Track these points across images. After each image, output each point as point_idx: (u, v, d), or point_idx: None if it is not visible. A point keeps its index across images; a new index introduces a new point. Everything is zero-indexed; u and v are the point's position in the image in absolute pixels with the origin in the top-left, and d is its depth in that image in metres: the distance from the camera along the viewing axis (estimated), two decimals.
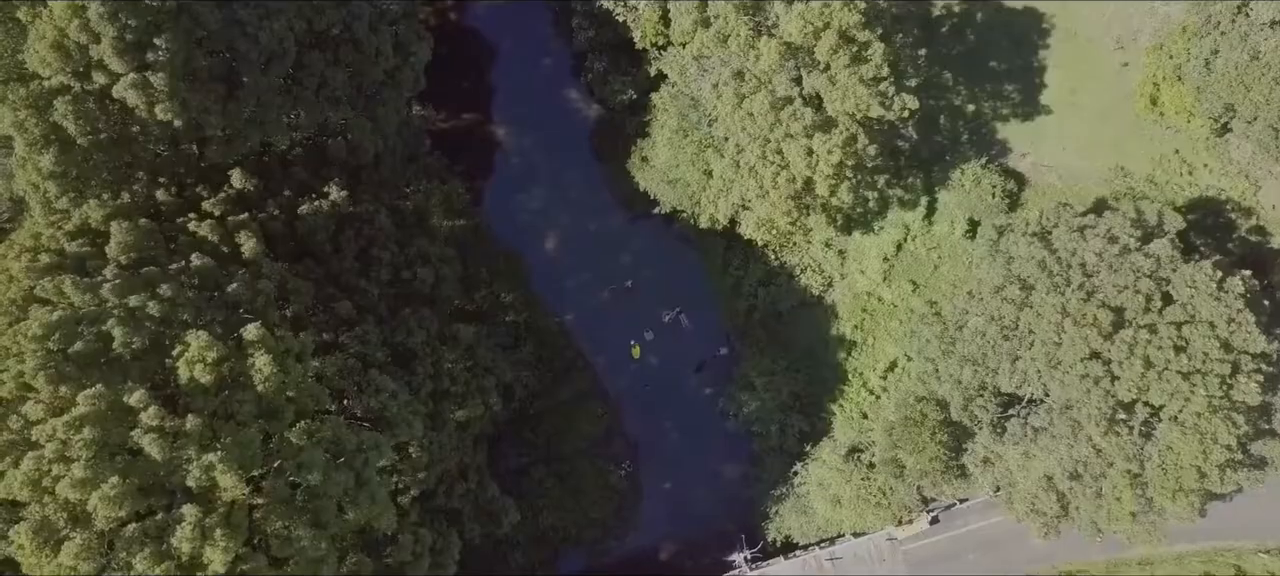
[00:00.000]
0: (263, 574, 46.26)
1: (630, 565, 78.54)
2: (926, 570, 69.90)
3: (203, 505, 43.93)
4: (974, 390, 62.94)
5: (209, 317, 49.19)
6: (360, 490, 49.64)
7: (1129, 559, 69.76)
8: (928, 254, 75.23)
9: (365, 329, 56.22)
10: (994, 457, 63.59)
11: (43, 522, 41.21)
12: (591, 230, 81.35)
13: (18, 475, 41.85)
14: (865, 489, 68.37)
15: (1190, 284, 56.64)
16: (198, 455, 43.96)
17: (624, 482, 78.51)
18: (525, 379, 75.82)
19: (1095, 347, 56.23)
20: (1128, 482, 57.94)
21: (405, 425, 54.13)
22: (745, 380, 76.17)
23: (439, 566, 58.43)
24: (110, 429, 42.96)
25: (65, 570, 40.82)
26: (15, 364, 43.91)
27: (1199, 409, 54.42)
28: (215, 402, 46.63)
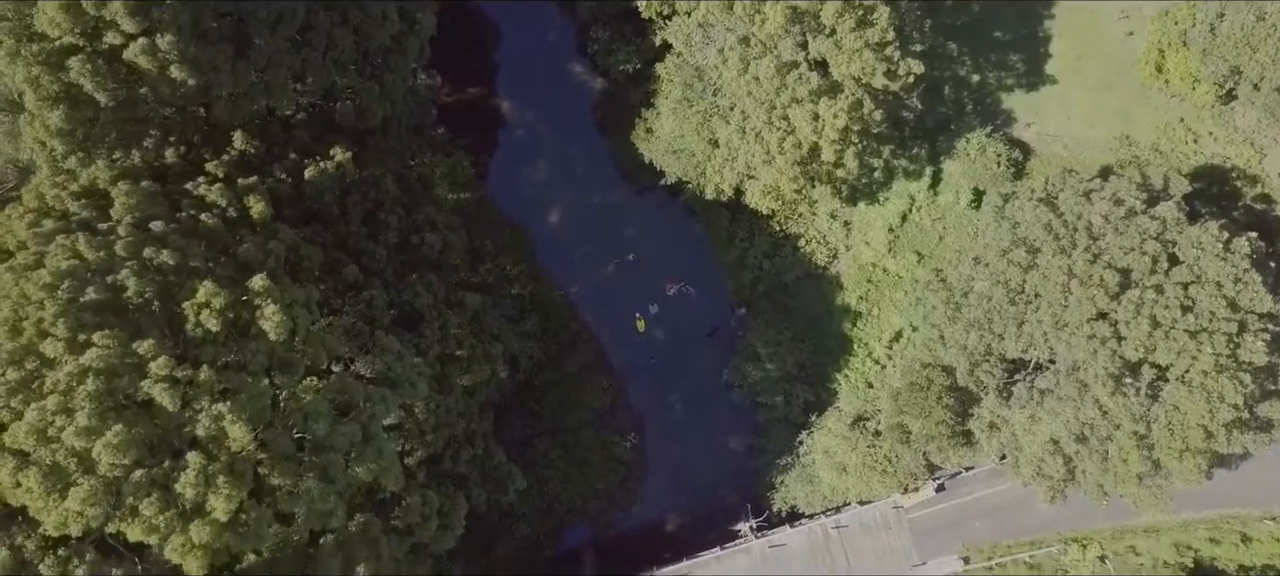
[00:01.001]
0: (267, 523, 46.41)
1: (635, 538, 78.57)
2: (932, 538, 69.83)
3: (207, 454, 44.03)
4: (980, 355, 62.94)
5: (219, 274, 49.32)
6: (367, 444, 49.77)
7: (1135, 526, 69.71)
8: (933, 224, 75.30)
9: (372, 292, 56.28)
10: (1000, 422, 63.57)
11: (52, 468, 41.32)
12: (596, 203, 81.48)
13: (22, 426, 42.01)
14: (871, 456, 68.39)
15: (1196, 245, 56.73)
16: (209, 405, 44.17)
17: (629, 454, 78.59)
18: (530, 350, 75.98)
19: (1102, 308, 56.29)
20: (1134, 444, 57.87)
21: (411, 386, 54.20)
22: (750, 351, 76.30)
23: (445, 529, 58.49)
24: (117, 379, 43.08)
25: (72, 515, 40.93)
26: (35, 310, 43.97)
27: (1206, 368, 54.40)
28: (226, 354, 46.82)
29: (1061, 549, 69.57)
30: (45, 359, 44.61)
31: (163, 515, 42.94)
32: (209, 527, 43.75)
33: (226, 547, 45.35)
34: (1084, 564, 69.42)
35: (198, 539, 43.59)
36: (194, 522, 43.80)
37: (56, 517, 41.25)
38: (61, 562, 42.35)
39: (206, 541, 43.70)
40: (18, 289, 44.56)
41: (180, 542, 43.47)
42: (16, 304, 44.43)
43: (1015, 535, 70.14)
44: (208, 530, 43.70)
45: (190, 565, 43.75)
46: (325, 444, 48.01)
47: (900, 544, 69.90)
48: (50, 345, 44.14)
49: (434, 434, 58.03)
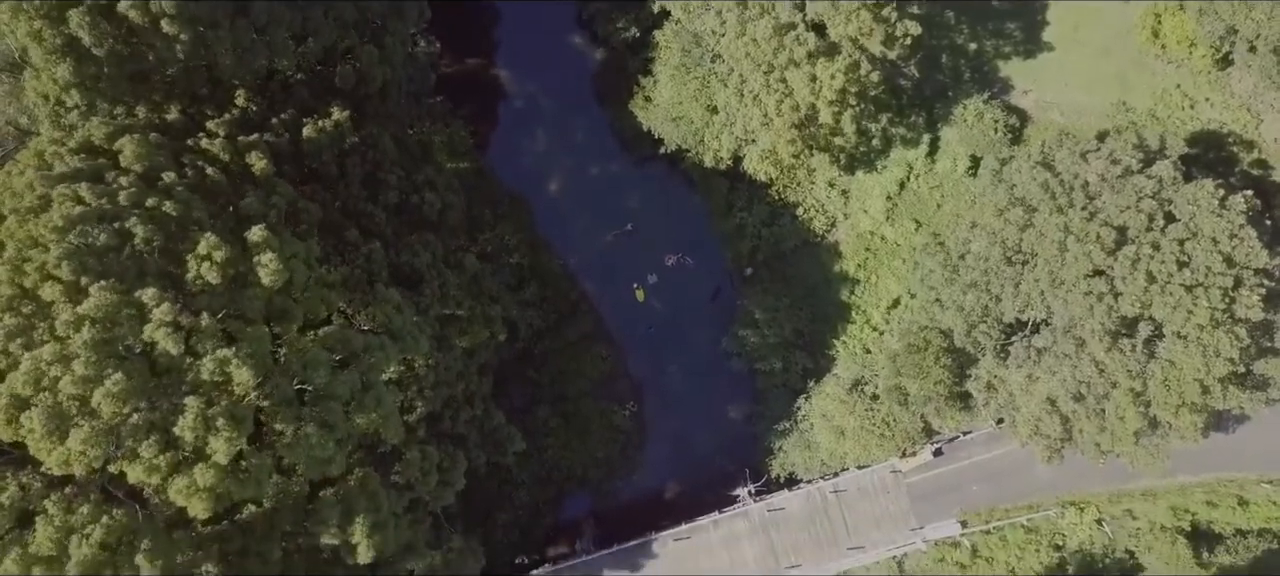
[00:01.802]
0: (268, 471, 46.66)
1: (635, 508, 78.81)
2: (930, 502, 70.10)
3: (207, 399, 44.21)
4: (977, 316, 63.26)
5: (222, 227, 49.59)
6: (367, 394, 49.92)
7: (1132, 490, 70.00)
8: (930, 192, 75.55)
9: (371, 249, 56.54)
10: (997, 382, 63.86)
11: (53, 409, 41.51)
12: (595, 174, 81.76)
13: (19, 374, 42.14)
14: (869, 420, 68.65)
15: (1192, 202, 57.02)
16: (213, 349, 44.38)
17: (628, 423, 78.87)
18: (530, 318, 76.30)
19: (1098, 264, 56.60)
20: (1131, 401, 58.09)
21: (412, 339, 54.44)
22: (748, 317, 76.60)
23: (445, 485, 58.78)
24: (116, 328, 43.24)
25: (74, 454, 41.11)
26: (39, 254, 44.18)
27: (1202, 322, 54.63)
28: (226, 303, 47.06)
29: (1059, 512, 69.90)
30: (42, 305, 44.86)
31: (162, 456, 43.14)
32: (212, 471, 43.88)
33: (228, 493, 45.57)
34: (1081, 527, 69.78)
35: (202, 481, 43.71)
36: (197, 466, 44.03)
37: (57, 456, 41.40)
38: (66, 501, 42.50)
39: (210, 484, 43.76)
40: (23, 230, 44.73)
41: (184, 485, 43.60)
42: (21, 245, 44.59)
43: (1013, 499, 70.47)
44: (211, 473, 43.81)
45: (194, 507, 43.85)
46: (325, 392, 48.11)
47: (898, 508, 70.17)
48: (48, 289, 44.33)
49: (433, 391, 58.30)
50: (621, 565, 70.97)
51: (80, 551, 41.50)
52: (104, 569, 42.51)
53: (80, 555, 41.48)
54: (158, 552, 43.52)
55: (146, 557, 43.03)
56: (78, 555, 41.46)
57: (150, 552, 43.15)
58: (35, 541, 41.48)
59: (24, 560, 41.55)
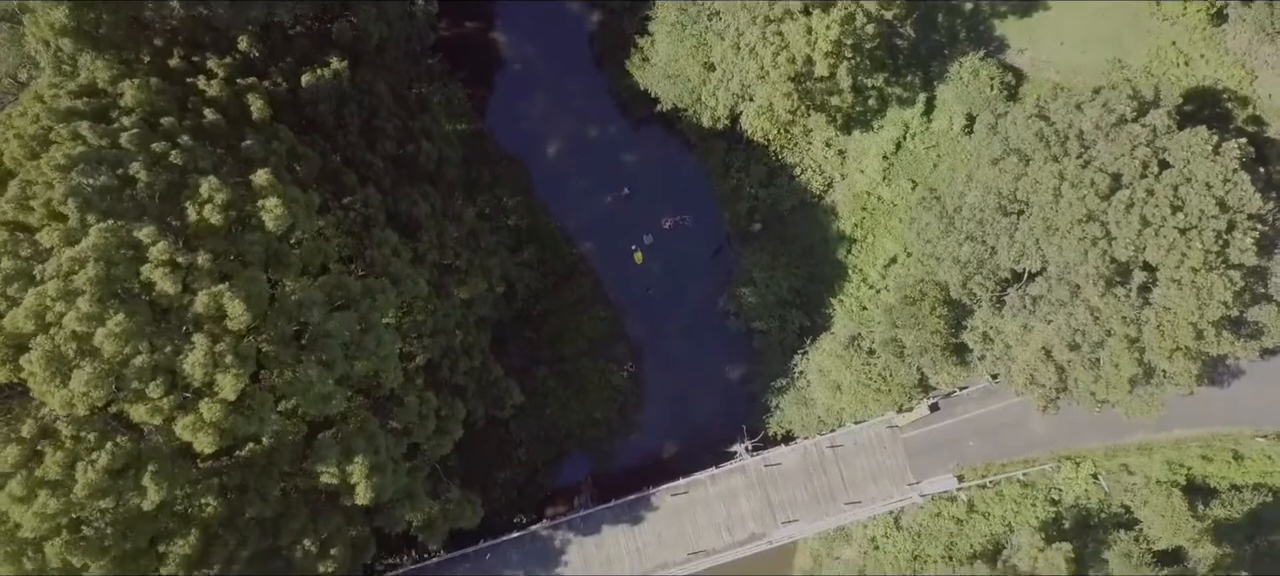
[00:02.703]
0: (269, 407, 47.01)
1: (633, 472, 78.98)
2: (927, 457, 70.35)
3: (212, 337, 44.56)
4: (973, 267, 63.51)
5: (225, 170, 49.90)
6: (366, 334, 50.35)
7: (1128, 445, 70.25)
8: (926, 152, 75.83)
9: (368, 194, 56.87)
10: (992, 333, 64.13)
11: (53, 352, 41.74)
12: (593, 137, 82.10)
13: (21, 310, 42.42)
14: (865, 374, 68.87)
15: (1186, 148, 57.40)
16: (208, 286, 44.73)
17: (627, 383, 79.16)
18: (528, 279, 76.65)
19: (1092, 209, 56.90)
20: (1125, 347, 58.36)
21: (410, 282, 54.79)
22: (745, 276, 76.91)
23: (444, 433, 59.08)
24: (115, 267, 43.51)
25: (77, 395, 41.36)
26: (44, 190, 44.48)
27: (1195, 265, 54.94)
28: (226, 245, 47.40)
29: (1055, 467, 70.12)
30: (40, 248, 45.13)
31: (167, 398, 43.49)
32: (218, 406, 44.27)
33: (232, 429, 45.95)
34: (1077, 481, 70.00)
35: (208, 416, 44.12)
36: (203, 402, 44.38)
37: (60, 398, 41.73)
38: (75, 424, 42.77)
39: (216, 419, 44.22)
40: (25, 169, 45.05)
41: (190, 421, 44.00)
42: (25, 183, 44.91)
43: (1009, 454, 70.68)
44: (217, 408, 44.21)
45: (200, 442, 44.26)
46: (323, 331, 48.50)
47: (895, 463, 70.42)
48: (47, 233, 44.64)
49: (432, 338, 58.61)
50: (620, 519, 71.25)
51: (86, 476, 41.81)
52: (108, 494, 42.85)
53: (86, 480, 41.80)
54: (163, 478, 43.83)
55: (153, 481, 43.34)
56: (84, 480, 41.78)
57: (156, 476, 43.45)
58: (43, 466, 41.76)
59: (29, 482, 41.86)
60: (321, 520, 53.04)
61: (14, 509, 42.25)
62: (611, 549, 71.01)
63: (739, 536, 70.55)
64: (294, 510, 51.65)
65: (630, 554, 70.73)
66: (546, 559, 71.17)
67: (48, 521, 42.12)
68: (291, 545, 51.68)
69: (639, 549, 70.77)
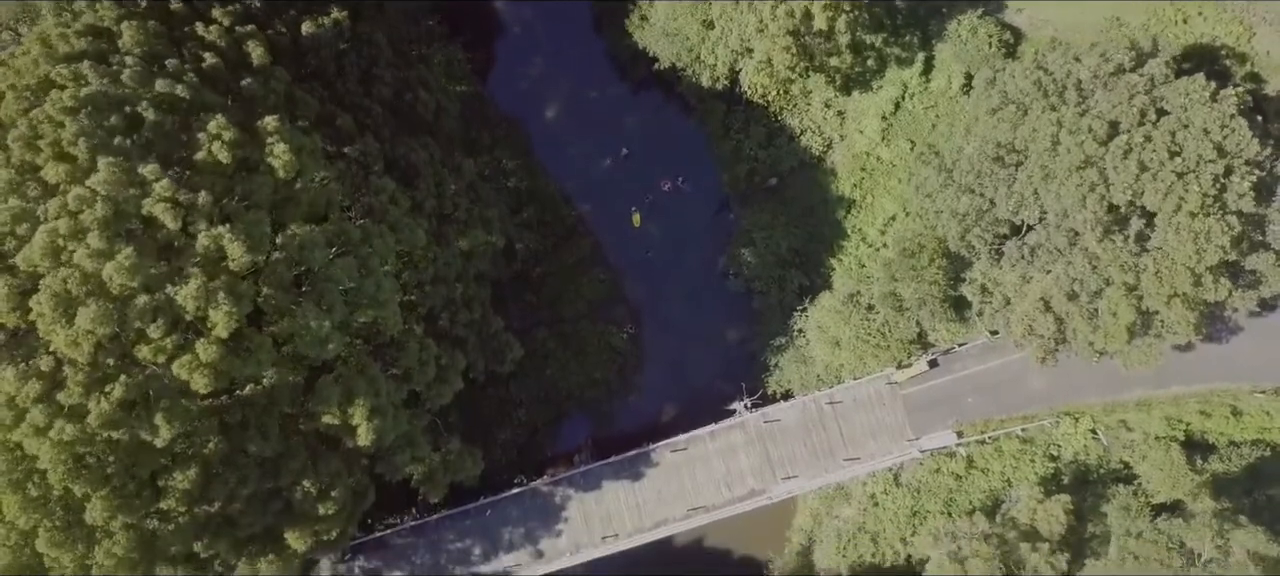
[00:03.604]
0: (267, 349, 47.15)
1: (633, 435, 79.06)
2: (926, 413, 70.47)
3: (208, 274, 44.72)
4: (972, 219, 63.67)
5: (230, 115, 50.09)
6: (366, 279, 50.47)
7: (1126, 401, 70.36)
8: (925, 112, 75.95)
9: (366, 142, 57.01)
10: (991, 285, 64.24)
11: (62, 291, 41.94)
12: (592, 99, 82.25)
13: (34, 247, 42.69)
14: (864, 329, 69.06)
15: (1184, 94, 57.55)
16: (208, 226, 44.95)
17: (626, 345, 79.31)
18: (527, 240, 76.79)
19: (1090, 154, 57.05)
20: (1124, 295, 58.50)
21: (408, 229, 54.92)
22: (745, 236, 77.07)
23: (443, 382, 59.18)
24: (123, 202, 43.77)
25: (82, 333, 41.58)
26: (52, 130, 44.61)
27: (1193, 209, 55.07)
28: (234, 187, 47.64)
29: (1053, 423, 70.21)
30: (47, 186, 45.35)
31: (169, 337, 43.71)
32: (213, 346, 44.51)
33: (229, 371, 46.13)
34: (1076, 437, 70.10)
35: (204, 356, 44.35)
36: (199, 341, 44.61)
37: (66, 337, 41.92)
38: (92, 358, 42.96)
39: (211, 359, 44.45)
40: (29, 112, 45.17)
41: (186, 360, 44.22)
42: (34, 123, 45.03)
43: (1008, 410, 70.77)
44: (212, 348, 44.46)
45: (196, 382, 44.47)
46: (323, 275, 48.67)
47: (894, 419, 70.54)
48: (51, 170, 44.85)
49: (432, 287, 58.73)
50: (620, 475, 71.38)
51: (101, 407, 41.99)
52: (120, 427, 43.01)
53: (100, 410, 41.99)
54: (174, 414, 44.01)
55: (164, 417, 43.53)
56: (98, 410, 41.96)
57: (167, 413, 43.63)
58: (66, 391, 41.93)
59: (49, 411, 42.04)
60: (322, 462, 53.15)
61: (31, 440, 42.41)
62: (611, 504, 71.18)
63: (738, 492, 70.70)
64: (294, 451, 51.75)
65: (630, 509, 70.90)
66: (547, 515, 71.35)
67: (65, 451, 42.23)
68: (292, 486, 51.80)
69: (639, 504, 70.93)
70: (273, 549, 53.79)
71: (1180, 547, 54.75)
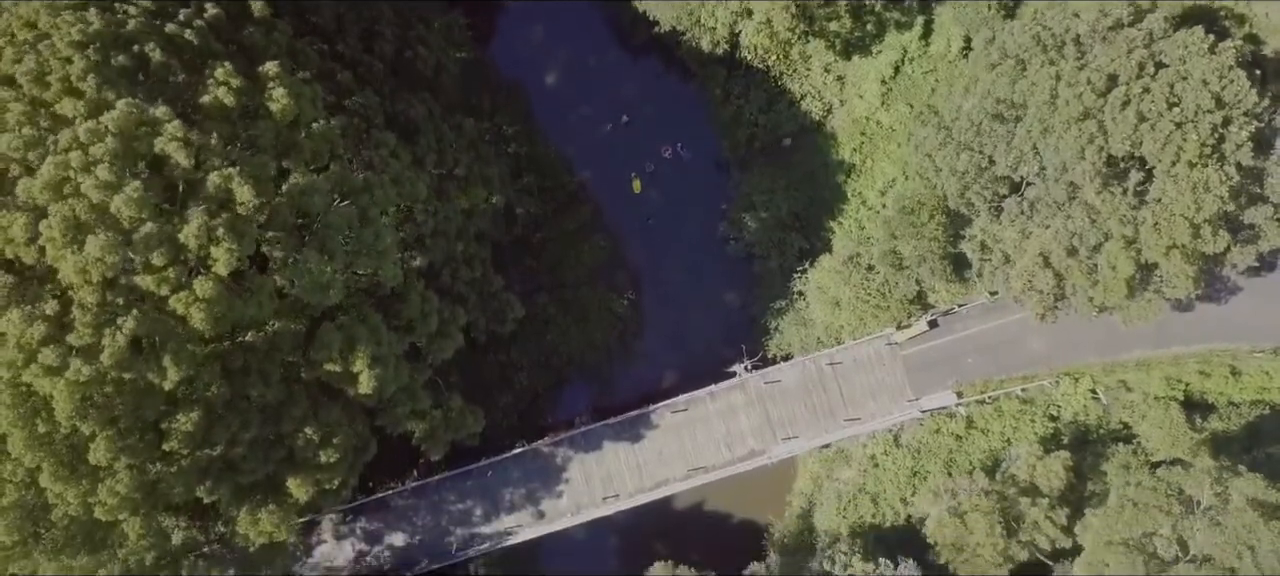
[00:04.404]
0: (268, 292, 47.42)
1: (633, 404, 79.30)
2: (926, 374, 70.66)
3: (211, 211, 44.96)
4: (971, 176, 63.85)
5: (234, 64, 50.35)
6: (366, 227, 50.67)
7: (1126, 361, 70.54)
8: (924, 76, 76.14)
9: (366, 96, 57.27)
10: (990, 241, 64.46)
11: (72, 217, 42.24)
12: (592, 65, 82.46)
13: (40, 178, 42.90)
14: (864, 289, 69.27)
15: (1182, 46, 57.68)
16: (219, 166, 45.23)
17: (627, 310, 79.51)
18: (528, 204, 77.00)
19: (1088, 106, 57.21)
20: (1122, 248, 58.66)
21: (408, 183, 55.16)
22: (745, 200, 77.28)
23: (445, 337, 59.40)
24: (133, 138, 44.04)
25: (91, 261, 41.84)
26: (60, 65, 44.84)
27: (1191, 158, 55.21)
28: (239, 132, 47.94)
29: (1053, 383, 70.42)
30: (59, 118, 45.62)
31: (173, 268, 43.96)
32: (211, 282, 44.74)
33: (229, 312, 46.39)
34: (1075, 397, 70.30)
35: (201, 292, 44.56)
36: (198, 278, 44.86)
37: (75, 263, 42.16)
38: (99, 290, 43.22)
39: (209, 295, 44.62)
40: (38, 45, 45.45)
41: (185, 297, 44.46)
42: (42, 60, 45.26)
43: (1007, 371, 70.97)
44: (211, 284, 44.67)
45: (194, 317, 44.68)
46: (324, 221, 48.89)
47: (894, 379, 70.75)
48: (68, 104, 45.09)
49: (432, 241, 58.95)
50: (621, 436, 71.66)
51: (113, 342, 42.22)
52: (131, 368, 43.25)
53: (113, 346, 42.22)
54: (181, 357, 44.26)
55: (171, 358, 43.79)
56: (112, 346, 42.20)
57: (175, 354, 43.88)
58: (77, 332, 42.16)
59: (61, 352, 42.28)
60: (323, 411, 53.42)
61: (43, 381, 42.66)
62: (612, 465, 71.46)
63: (739, 452, 70.96)
64: (296, 399, 52.01)
65: (631, 470, 71.18)
66: (548, 476, 71.61)
67: (78, 390, 42.45)
68: (293, 432, 52.05)
69: (639, 465, 71.20)
70: (274, 498, 53.99)
71: (1179, 495, 54.86)
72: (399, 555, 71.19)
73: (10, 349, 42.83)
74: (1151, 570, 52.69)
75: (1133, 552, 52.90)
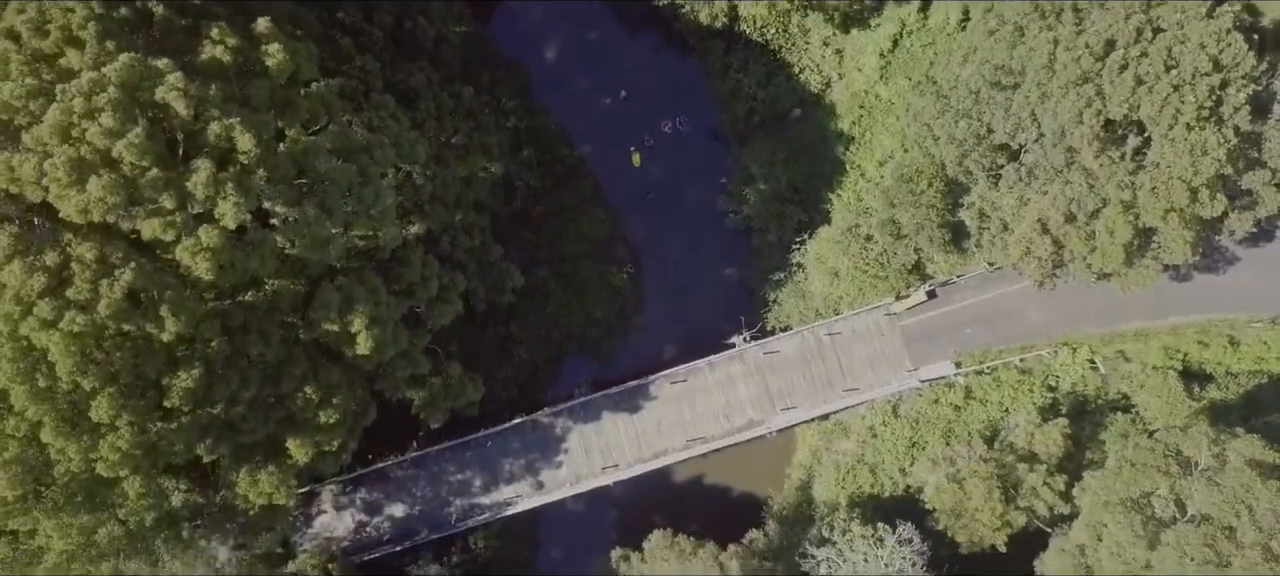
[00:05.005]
0: (270, 245, 47.63)
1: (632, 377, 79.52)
2: (924, 344, 70.78)
3: (217, 164, 45.15)
4: (970, 144, 63.97)
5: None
6: (366, 187, 50.80)
7: (1124, 331, 70.65)
8: (923, 50, 76.19)
9: (366, 61, 57.40)
10: (989, 208, 64.57)
11: (77, 157, 42.43)
12: (591, 40, 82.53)
13: (46, 124, 43.05)
14: (862, 259, 69.42)
15: (1180, 12, 57.79)
16: (220, 116, 45.39)
17: (626, 284, 79.63)
18: (527, 178, 77.12)
19: (1086, 69, 57.33)
20: (1120, 213, 58.76)
21: (408, 146, 55.30)
22: (745, 173, 77.41)
23: (444, 301, 59.56)
24: (136, 89, 44.20)
25: (94, 200, 41.98)
26: (61, 15, 44.97)
27: (1189, 121, 55.32)
28: (230, 90, 48.05)
29: (1052, 353, 70.53)
30: (62, 71, 45.74)
31: (179, 213, 44.05)
32: (217, 232, 44.92)
33: (233, 263, 46.60)
34: (1074, 367, 70.40)
35: (207, 241, 44.73)
36: (203, 227, 45.04)
37: (78, 202, 42.30)
38: (98, 243, 43.36)
39: (215, 244, 44.80)
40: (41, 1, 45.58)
41: (190, 244, 44.66)
42: (43, 10, 45.37)
43: (1006, 341, 71.10)
44: (216, 233, 44.85)
45: (199, 266, 44.86)
46: (324, 177, 49.01)
47: (893, 349, 70.87)
48: (72, 55, 45.22)
49: (431, 206, 59.09)
50: (620, 406, 71.83)
51: (110, 294, 42.37)
52: (128, 320, 43.42)
53: (110, 297, 42.37)
54: (180, 309, 44.41)
55: (169, 309, 43.94)
56: (108, 297, 42.35)
57: (173, 306, 44.02)
58: (75, 287, 42.31)
59: (57, 305, 42.45)
60: (323, 372, 53.58)
61: (41, 335, 42.80)
62: (611, 436, 71.61)
63: (737, 422, 71.12)
64: (295, 359, 52.15)
65: (630, 440, 71.33)
66: (547, 446, 71.80)
67: (74, 342, 42.62)
68: (293, 392, 52.16)
69: (639, 435, 71.36)
70: (274, 460, 54.13)
71: (1177, 456, 54.96)
72: (398, 525, 71.39)
73: (8, 301, 42.97)
74: (1149, 529, 52.77)
75: (1130, 512, 52.97)
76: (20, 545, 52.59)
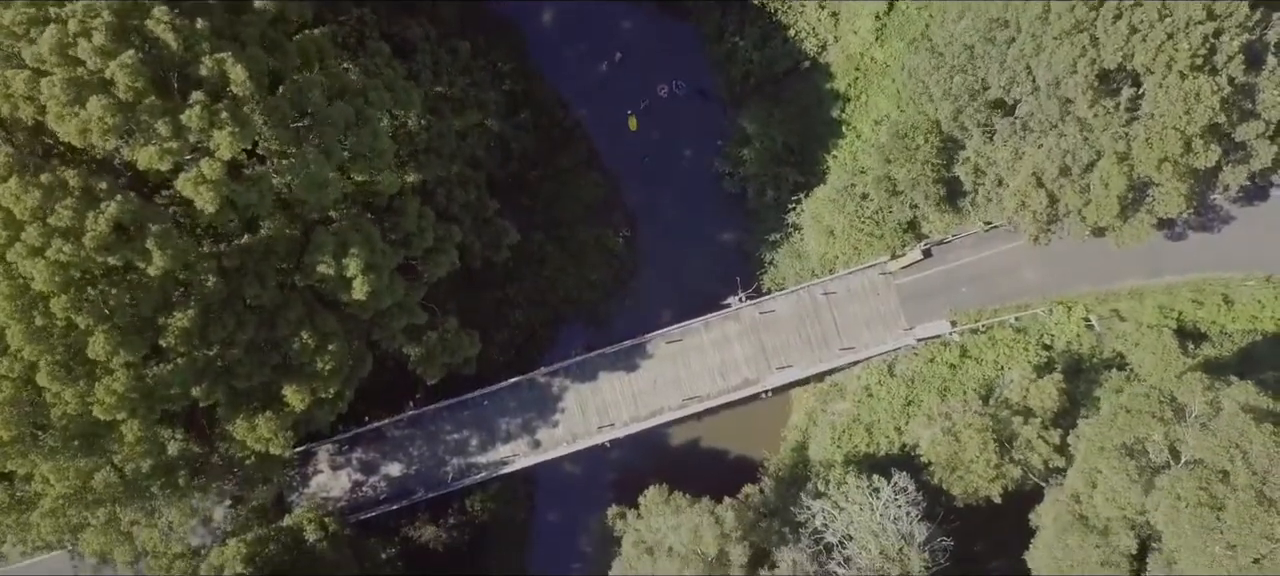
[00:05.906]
0: (268, 181, 47.63)
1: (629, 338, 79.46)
2: (920, 303, 70.92)
3: (212, 96, 45.18)
4: (965, 99, 64.13)
5: None
6: (363, 127, 50.85)
7: (1119, 290, 70.83)
8: (918, 12, 76.18)
9: (363, 11, 57.37)
10: (984, 164, 64.75)
11: (74, 77, 42.47)
12: (588, 3, 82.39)
13: (43, 42, 43.13)
14: (858, 216, 69.50)
15: None
16: (210, 50, 45.41)
17: (622, 248, 79.64)
18: (524, 142, 77.08)
19: (1080, 18, 57.44)
20: (1115, 164, 58.94)
21: (404, 92, 55.30)
22: (741, 135, 77.44)
23: (440, 251, 59.57)
24: (128, 16, 44.27)
25: (94, 121, 42.03)
26: None
27: (1183, 68, 55.48)
28: (225, 24, 48.07)
29: (1047, 312, 70.67)
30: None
31: (175, 140, 44.03)
32: (217, 165, 44.98)
33: (233, 196, 46.63)
34: (1069, 326, 70.54)
35: (208, 173, 44.81)
36: (204, 160, 45.08)
37: (76, 124, 42.32)
38: (86, 174, 43.32)
39: (216, 177, 44.90)
40: None
41: (192, 176, 44.72)
42: None
43: (1001, 300, 71.23)
44: (217, 166, 44.92)
45: (201, 198, 45.00)
46: (321, 117, 49.03)
47: (888, 308, 70.99)
48: None
49: (426, 156, 59.07)
50: (616, 365, 71.88)
51: (96, 226, 42.39)
52: (115, 252, 43.42)
53: (96, 230, 42.38)
54: (167, 243, 44.41)
55: (156, 243, 43.95)
56: (94, 230, 42.36)
57: (160, 240, 44.03)
58: (56, 214, 42.31)
59: (45, 232, 42.46)
60: (319, 318, 53.60)
61: (27, 262, 42.79)
62: (607, 394, 71.69)
63: (733, 381, 71.21)
64: (291, 303, 52.18)
65: (626, 399, 71.40)
66: (543, 405, 71.86)
67: (60, 272, 42.64)
68: (289, 337, 52.19)
69: (635, 394, 71.43)
70: (271, 406, 54.15)
71: (1171, 402, 55.13)
72: (395, 485, 71.45)
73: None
74: (1144, 475, 52.96)
75: (1125, 457, 53.14)
76: (16, 491, 52.63)
